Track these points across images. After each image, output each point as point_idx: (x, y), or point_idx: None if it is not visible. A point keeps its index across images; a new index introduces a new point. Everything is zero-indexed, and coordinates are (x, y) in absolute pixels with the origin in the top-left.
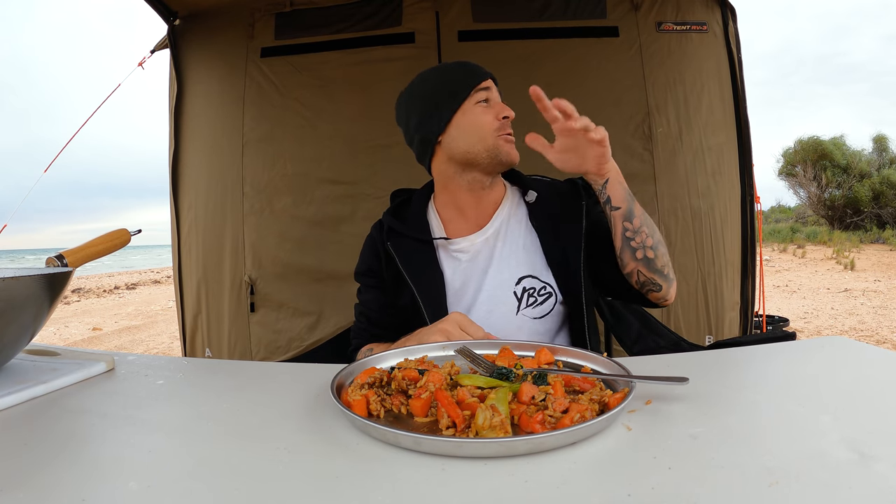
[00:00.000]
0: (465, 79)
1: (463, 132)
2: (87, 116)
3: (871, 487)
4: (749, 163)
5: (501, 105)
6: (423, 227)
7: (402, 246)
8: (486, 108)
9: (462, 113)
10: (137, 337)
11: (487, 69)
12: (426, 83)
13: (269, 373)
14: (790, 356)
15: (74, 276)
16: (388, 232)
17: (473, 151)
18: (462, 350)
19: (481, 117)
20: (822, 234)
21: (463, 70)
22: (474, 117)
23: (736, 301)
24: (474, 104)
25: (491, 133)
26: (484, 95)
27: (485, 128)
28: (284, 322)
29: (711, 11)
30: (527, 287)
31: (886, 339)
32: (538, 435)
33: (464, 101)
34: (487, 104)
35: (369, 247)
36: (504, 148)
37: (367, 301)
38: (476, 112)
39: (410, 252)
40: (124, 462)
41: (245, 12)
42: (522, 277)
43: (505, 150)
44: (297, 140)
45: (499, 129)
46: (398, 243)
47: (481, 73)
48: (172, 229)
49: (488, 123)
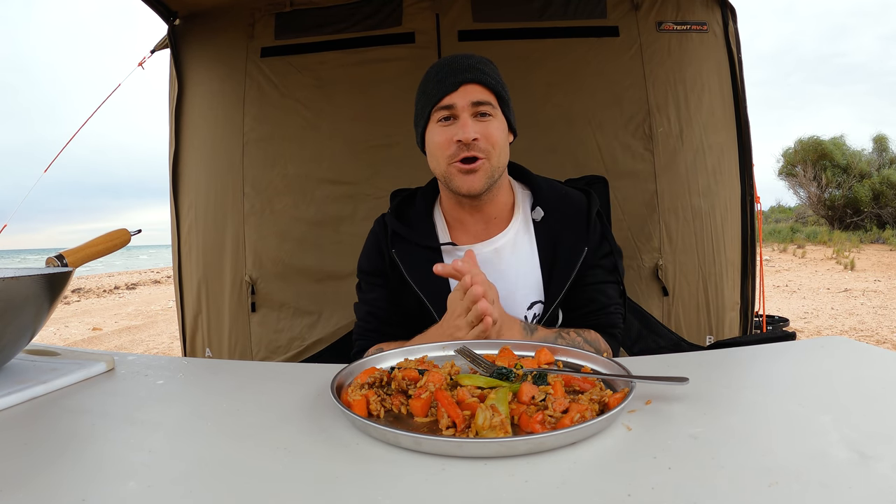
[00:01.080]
0: (433, 91)
1: (429, 151)
2: (88, 116)
3: (871, 487)
4: (749, 163)
5: (462, 122)
6: (428, 232)
7: (408, 252)
8: (445, 127)
9: (428, 131)
10: (137, 337)
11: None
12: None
13: (269, 373)
14: (790, 356)
15: (74, 276)
16: (393, 237)
17: (437, 173)
18: (462, 350)
19: (437, 137)
20: (822, 234)
21: (436, 78)
22: (433, 137)
23: (736, 301)
24: (436, 122)
25: (444, 158)
26: (445, 112)
27: (438, 150)
28: (285, 322)
29: (711, 11)
30: (537, 313)
31: (886, 339)
32: (538, 435)
33: (429, 117)
34: (450, 122)
35: (374, 246)
36: (455, 179)
37: (373, 300)
38: (435, 132)
39: (416, 258)
40: (124, 462)
41: (245, 12)
42: (534, 303)
43: (456, 182)
44: (298, 140)
45: (452, 155)
46: (403, 250)
47: (447, 84)
48: (172, 229)
49: (441, 145)
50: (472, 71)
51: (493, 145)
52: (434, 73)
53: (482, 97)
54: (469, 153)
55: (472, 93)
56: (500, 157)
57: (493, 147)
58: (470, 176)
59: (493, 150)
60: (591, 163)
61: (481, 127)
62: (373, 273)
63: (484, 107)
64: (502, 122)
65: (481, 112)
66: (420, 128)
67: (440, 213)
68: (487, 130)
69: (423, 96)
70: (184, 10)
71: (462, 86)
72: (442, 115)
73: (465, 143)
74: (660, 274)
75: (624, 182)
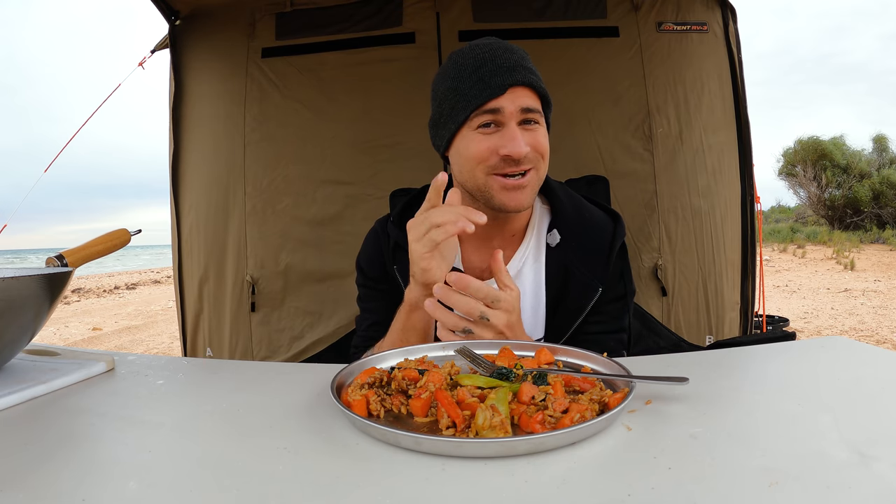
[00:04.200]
0: (473, 91)
1: (459, 159)
2: (88, 116)
3: (871, 487)
4: (749, 163)
5: (510, 134)
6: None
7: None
8: (486, 135)
9: (461, 136)
10: (137, 337)
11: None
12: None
13: (269, 373)
14: (790, 356)
15: (74, 276)
16: (395, 249)
17: (468, 186)
18: (462, 350)
19: (475, 146)
20: (822, 234)
21: (476, 76)
22: (468, 144)
23: (736, 301)
24: (475, 128)
25: (482, 169)
26: (488, 118)
27: (475, 160)
28: (285, 321)
29: (711, 11)
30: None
31: (886, 339)
32: (538, 435)
33: (464, 122)
34: (492, 130)
35: (374, 250)
36: (498, 195)
37: (377, 309)
38: (473, 140)
39: None
40: (124, 462)
41: (245, 13)
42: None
43: (500, 198)
44: (299, 140)
45: (493, 166)
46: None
47: (493, 86)
48: (173, 229)
49: (480, 156)
50: (521, 71)
51: (542, 156)
52: (471, 67)
53: (532, 103)
54: (518, 168)
55: (522, 97)
56: (546, 166)
57: (543, 158)
58: (517, 192)
59: (542, 161)
60: (591, 163)
61: (530, 137)
62: (373, 279)
63: (533, 114)
64: (545, 127)
65: (529, 119)
66: (447, 131)
67: None
68: (536, 140)
69: (453, 95)
70: (185, 9)
71: (511, 88)
72: (483, 121)
73: (514, 158)
74: (659, 274)
75: (623, 182)
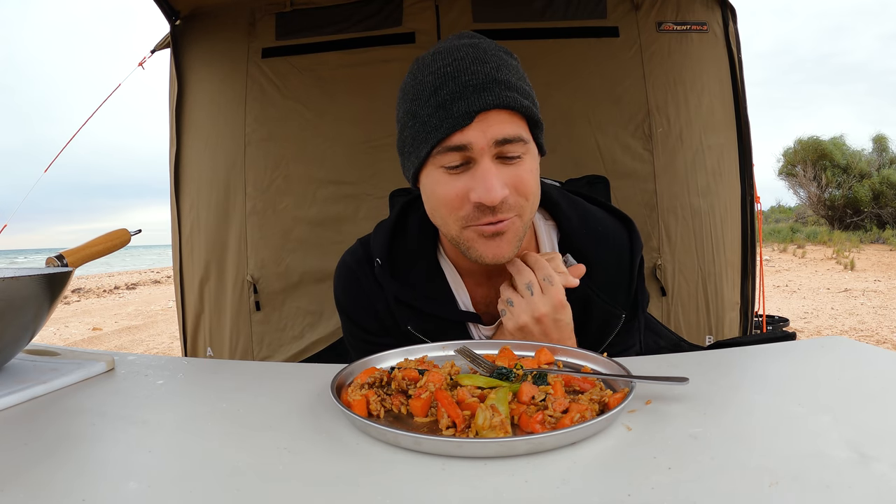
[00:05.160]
0: (432, 121)
1: (428, 201)
2: (88, 116)
3: (871, 487)
4: (749, 163)
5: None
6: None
7: (423, 324)
8: (454, 175)
9: (426, 174)
10: (137, 337)
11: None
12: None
13: (269, 373)
14: (790, 356)
15: (74, 276)
16: (399, 306)
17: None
18: (462, 350)
19: (441, 190)
20: (822, 234)
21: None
22: (434, 188)
23: (736, 301)
24: (438, 167)
25: (454, 220)
26: (455, 158)
27: (445, 209)
28: (286, 321)
29: (711, 11)
30: None
31: (886, 339)
32: (538, 435)
33: (427, 158)
34: (461, 170)
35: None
36: (475, 246)
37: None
38: (438, 182)
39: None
40: (124, 462)
41: (246, 12)
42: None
43: (477, 250)
44: (299, 141)
45: (466, 217)
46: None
47: (458, 114)
48: (173, 229)
49: (450, 204)
50: (492, 89)
51: (526, 197)
52: (430, 88)
53: (510, 131)
54: (494, 217)
55: (496, 126)
56: (534, 207)
57: (527, 199)
58: (495, 241)
59: (527, 202)
60: (591, 163)
61: (510, 175)
62: (373, 333)
63: (512, 145)
64: (534, 156)
65: (509, 154)
66: (411, 164)
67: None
68: (518, 178)
69: (412, 122)
70: (185, 9)
71: (480, 115)
72: (449, 162)
73: (488, 206)
74: (659, 274)
75: (623, 182)
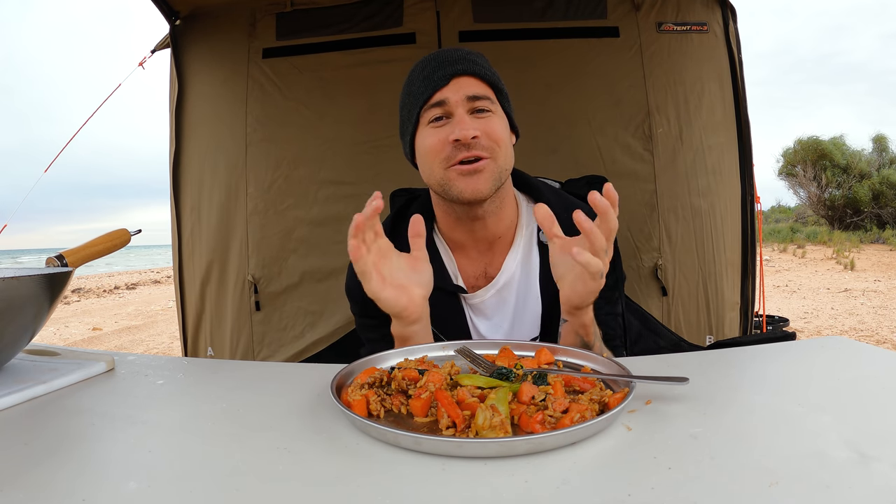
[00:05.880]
0: (419, 89)
1: (420, 159)
2: (88, 116)
3: (871, 487)
4: (749, 163)
5: (457, 120)
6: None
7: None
8: (437, 128)
9: (418, 136)
10: (137, 337)
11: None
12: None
13: (269, 373)
14: (790, 356)
15: (74, 276)
16: None
17: (432, 184)
18: (462, 350)
19: (429, 141)
20: (822, 234)
21: (422, 75)
22: (423, 141)
23: (736, 301)
24: (426, 124)
25: (439, 163)
26: (438, 112)
27: (431, 155)
28: (286, 321)
29: (712, 11)
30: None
31: (886, 339)
32: (538, 435)
33: (418, 122)
34: (442, 122)
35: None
36: (456, 184)
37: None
38: (427, 135)
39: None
40: (124, 462)
41: (246, 12)
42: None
43: (457, 186)
44: (300, 141)
45: (448, 157)
46: None
47: (436, 78)
48: (173, 229)
49: (434, 148)
50: (463, 62)
51: (496, 142)
52: (419, 69)
53: (478, 90)
54: (470, 153)
55: (467, 86)
56: (506, 157)
57: (498, 144)
58: (473, 178)
59: (498, 147)
60: (591, 163)
61: (481, 123)
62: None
63: (482, 101)
64: (503, 118)
65: (479, 108)
66: (408, 136)
67: (441, 239)
68: (488, 127)
69: (408, 98)
70: (185, 9)
71: (454, 78)
72: (433, 115)
73: (463, 143)
74: (659, 274)
75: (623, 182)
